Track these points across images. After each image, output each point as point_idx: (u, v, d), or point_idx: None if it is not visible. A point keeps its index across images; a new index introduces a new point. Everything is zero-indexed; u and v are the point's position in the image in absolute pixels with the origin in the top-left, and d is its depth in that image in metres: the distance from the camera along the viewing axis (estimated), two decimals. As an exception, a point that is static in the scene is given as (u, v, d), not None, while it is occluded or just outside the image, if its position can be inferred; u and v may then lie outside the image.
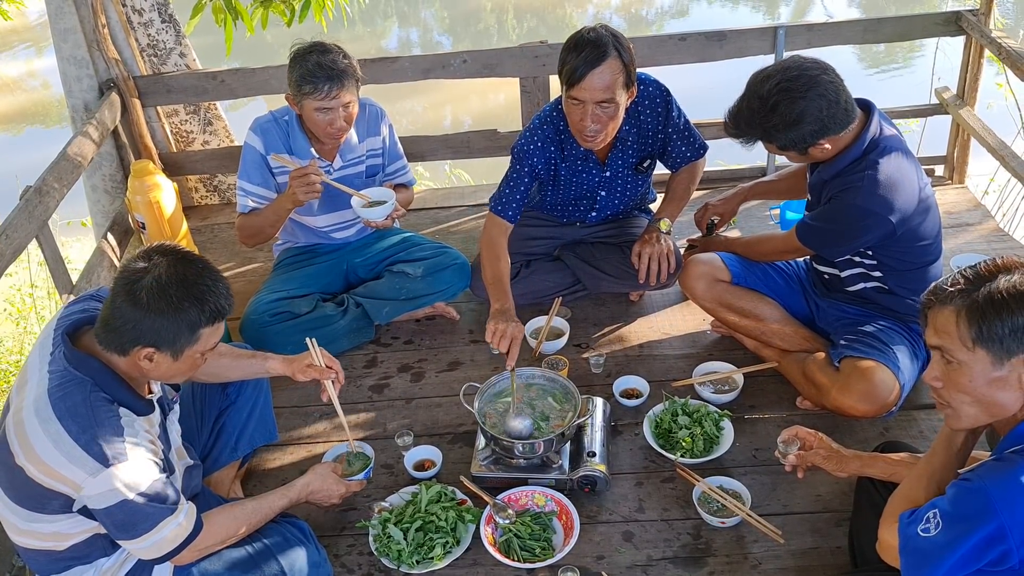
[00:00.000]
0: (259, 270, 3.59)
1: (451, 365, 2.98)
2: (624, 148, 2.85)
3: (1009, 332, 1.49)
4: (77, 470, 1.66)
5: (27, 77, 10.10)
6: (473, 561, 2.23)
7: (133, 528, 1.73)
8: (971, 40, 3.68)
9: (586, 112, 2.58)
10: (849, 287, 2.58)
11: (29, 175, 3.11)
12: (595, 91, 2.53)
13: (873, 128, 2.31)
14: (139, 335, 1.70)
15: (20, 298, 4.98)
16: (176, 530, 1.78)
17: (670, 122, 2.85)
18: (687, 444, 2.45)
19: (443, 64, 3.74)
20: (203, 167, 4.02)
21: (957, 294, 1.53)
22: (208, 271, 1.76)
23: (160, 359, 1.74)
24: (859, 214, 2.30)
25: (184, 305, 1.70)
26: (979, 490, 1.47)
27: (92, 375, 1.73)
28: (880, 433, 2.52)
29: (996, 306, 1.49)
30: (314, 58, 2.65)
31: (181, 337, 1.73)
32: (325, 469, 2.21)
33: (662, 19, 10.65)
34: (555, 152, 2.85)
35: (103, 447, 1.67)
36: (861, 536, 2.06)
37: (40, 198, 2.91)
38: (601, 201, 3.02)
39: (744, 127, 2.33)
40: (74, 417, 1.67)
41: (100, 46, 3.59)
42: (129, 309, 1.69)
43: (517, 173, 2.87)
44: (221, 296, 1.76)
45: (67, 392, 1.70)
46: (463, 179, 5.63)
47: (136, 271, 1.70)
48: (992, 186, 4.88)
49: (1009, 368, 1.51)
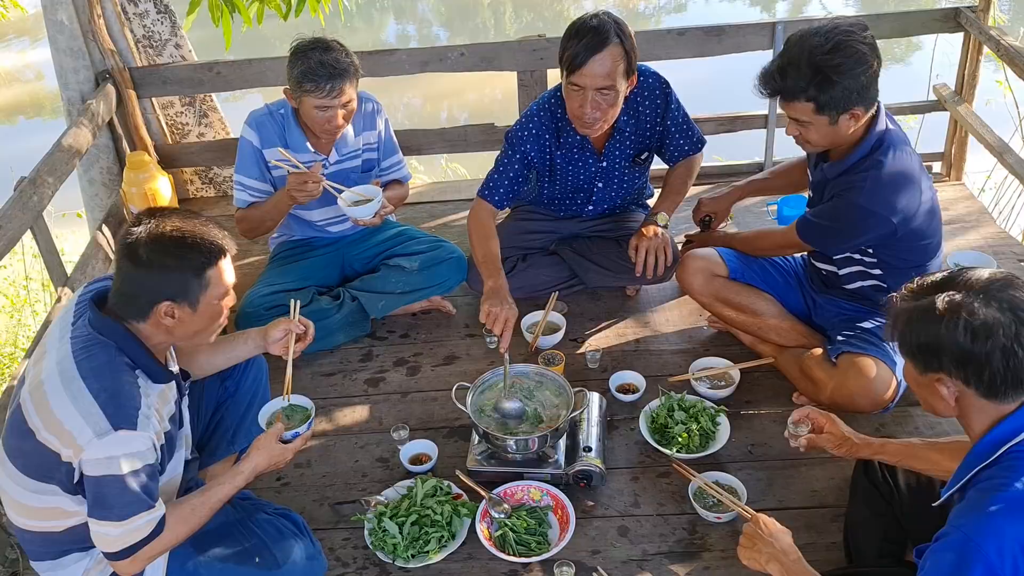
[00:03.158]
0: (255, 263, 3.57)
1: (447, 359, 2.97)
2: (622, 139, 2.84)
3: (918, 349, 1.54)
4: (87, 429, 1.68)
5: (22, 69, 10.05)
6: (468, 555, 2.23)
7: (110, 509, 1.73)
8: (969, 37, 3.68)
9: (586, 99, 2.56)
10: (847, 284, 2.58)
11: (23, 166, 3.09)
12: (596, 77, 2.51)
13: (880, 125, 2.30)
14: (153, 293, 1.76)
15: (15, 290, 4.96)
16: (145, 526, 1.76)
17: (669, 114, 2.84)
18: (683, 439, 2.44)
19: (440, 57, 3.73)
20: (199, 159, 4.01)
21: (904, 297, 1.57)
22: (197, 217, 1.82)
23: (181, 313, 1.79)
24: (861, 214, 2.29)
25: (183, 252, 1.76)
26: (958, 538, 1.45)
27: (116, 339, 1.77)
28: (876, 429, 2.52)
29: (909, 321, 1.54)
30: (316, 55, 2.63)
31: (191, 284, 1.78)
32: (267, 440, 2.05)
33: (659, 14, 10.64)
34: (550, 141, 2.83)
35: (116, 409, 1.70)
36: (856, 531, 2.06)
37: (34, 189, 2.90)
38: (598, 194, 3.01)
39: (795, 71, 2.20)
40: (97, 376, 1.72)
41: (95, 37, 3.57)
42: (135, 272, 1.75)
43: (508, 159, 2.86)
44: (215, 235, 1.81)
45: (92, 354, 1.75)
46: (459, 173, 5.62)
47: (131, 235, 1.75)
48: (989, 183, 4.88)
49: (927, 379, 1.56)
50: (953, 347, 1.47)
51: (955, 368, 1.50)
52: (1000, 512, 1.42)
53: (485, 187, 2.89)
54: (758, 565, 1.86)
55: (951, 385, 1.53)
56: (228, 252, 1.84)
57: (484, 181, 2.91)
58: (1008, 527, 1.41)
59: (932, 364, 1.52)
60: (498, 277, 2.69)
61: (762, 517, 1.92)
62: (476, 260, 2.80)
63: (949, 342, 1.47)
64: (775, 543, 1.84)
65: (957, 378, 1.51)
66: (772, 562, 1.82)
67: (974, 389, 1.51)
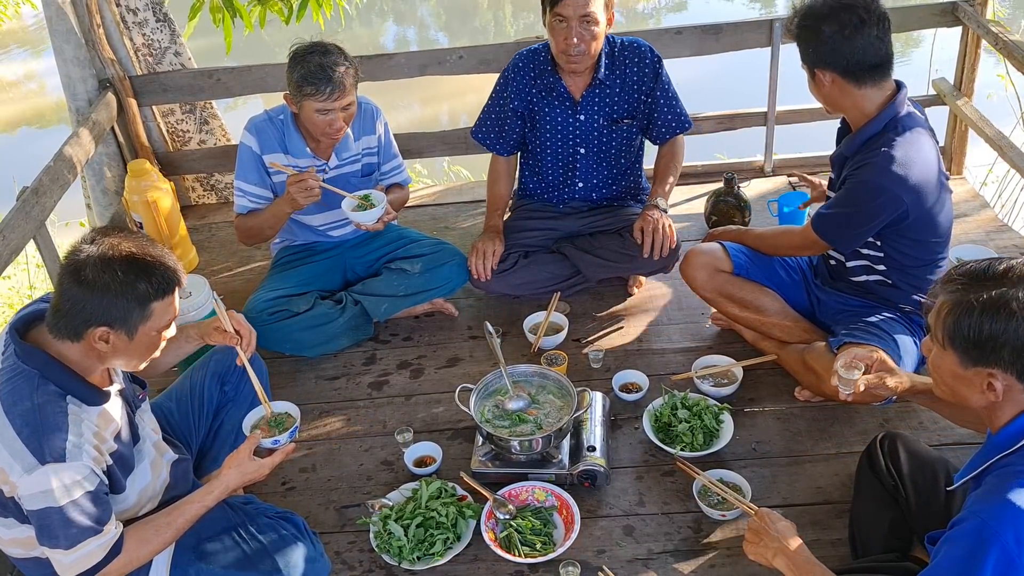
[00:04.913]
0: (257, 269, 3.58)
1: (450, 361, 2.98)
2: (601, 92, 2.92)
3: (974, 344, 1.50)
4: (15, 464, 1.65)
5: (24, 80, 10.09)
6: (474, 557, 2.23)
7: (57, 539, 1.69)
8: (967, 31, 3.67)
9: (571, 30, 2.70)
10: (853, 277, 2.57)
11: (26, 177, 3.10)
12: (578, 6, 2.66)
13: (899, 108, 2.31)
14: (90, 315, 1.69)
15: (19, 300, 4.98)
16: (97, 551, 1.73)
17: (659, 87, 2.93)
18: (687, 438, 2.45)
19: (439, 60, 3.74)
20: (200, 166, 4.02)
21: (955, 288, 1.54)
22: (153, 245, 1.76)
23: (116, 340, 1.73)
24: (872, 191, 2.28)
25: (131, 279, 1.69)
26: (974, 524, 1.45)
27: (40, 367, 1.71)
28: (880, 424, 2.52)
29: (969, 315, 1.50)
30: (316, 59, 2.64)
31: (133, 313, 1.71)
32: (239, 457, 1.99)
33: (659, 14, 10.63)
34: (529, 83, 2.96)
35: (40, 443, 1.65)
36: (861, 526, 2.06)
37: (37, 199, 2.91)
38: (582, 163, 3.04)
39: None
40: (19, 410, 1.67)
41: (96, 46, 3.58)
42: (77, 290, 1.68)
43: (494, 96, 3.07)
44: (168, 268, 1.75)
45: (15, 386, 1.69)
46: (461, 176, 5.62)
47: (80, 252, 1.70)
48: (990, 177, 4.87)
49: (973, 373, 1.54)
50: (1018, 341, 1.46)
51: (1013, 362, 1.48)
52: (1019, 499, 1.43)
53: (475, 125, 3.14)
54: (764, 560, 1.86)
55: (1002, 379, 1.51)
56: (178, 286, 1.78)
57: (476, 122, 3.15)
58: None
59: (989, 357, 1.50)
60: (495, 219, 3.08)
61: (766, 511, 1.92)
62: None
63: (1016, 336, 1.45)
64: (781, 538, 1.84)
65: (1011, 372, 1.49)
66: (778, 556, 1.82)
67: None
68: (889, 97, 2.32)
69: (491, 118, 3.08)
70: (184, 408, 2.26)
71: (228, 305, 3.13)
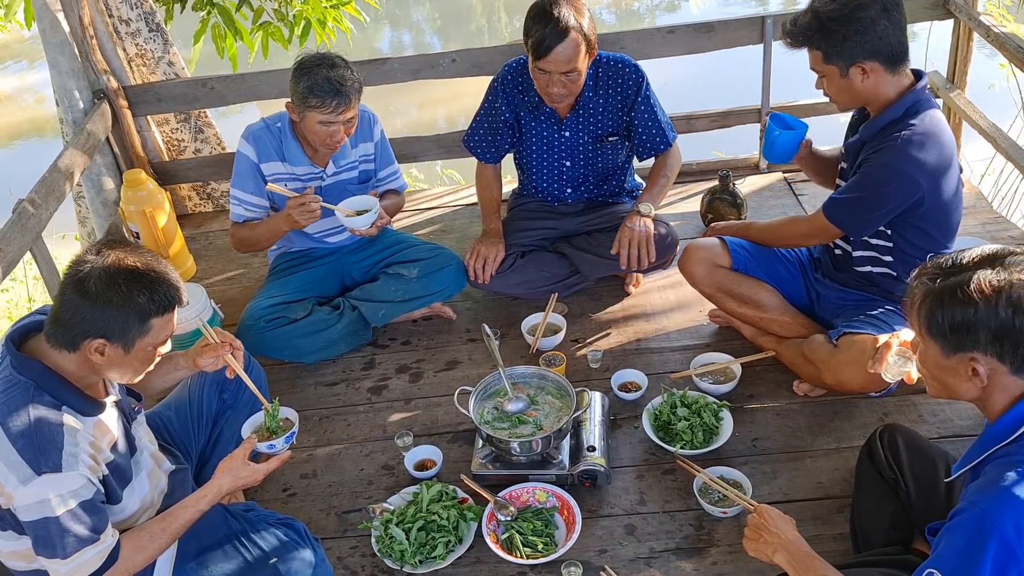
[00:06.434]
0: (255, 276, 3.58)
1: (449, 364, 2.98)
2: (585, 112, 2.92)
3: (950, 329, 1.51)
4: (11, 476, 1.65)
5: (20, 92, 10.10)
6: (476, 559, 2.23)
7: (54, 548, 1.69)
8: (959, 23, 3.68)
9: (552, 80, 2.74)
10: (858, 267, 2.57)
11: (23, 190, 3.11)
12: (560, 63, 2.69)
13: (920, 95, 2.31)
14: (89, 327, 1.69)
15: (17, 313, 4.98)
16: (95, 559, 1.73)
17: (638, 105, 2.92)
18: (686, 436, 2.45)
19: (432, 64, 3.74)
20: (195, 175, 4.02)
21: (926, 280, 1.56)
22: (158, 261, 1.77)
23: (111, 352, 1.73)
24: (889, 174, 2.26)
25: (133, 294, 1.70)
26: (974, 514, 1.45)
27: (35, 378, 1.72)
28: (880, 418, 2.52)
29: (940, 303, 1.51)
30: (323, 72, 2.64)
31: (131, 328, 1.72)
32: (233, 461, 1.98)
33: (653, 13, 10.64)
34: (517, 96, 2.97)
35: (36, 453, 1.66)
36: (862, 520, 2.06)
37: (33, 211, 2.91)
38: (568, 174, 3.06)
39: (803, 18, 2.31)
40: (15, 421, 1.67)
41: (89, 57, 3.59)
42: (78, 301, 1.69)
43: (485, 105, 3.06)
44: (171, 286, 1.76)
45: (11, 397, 1.70)
46: (455, 179, 5.63)
47: (85, 264, 1.70)
48: (989, 169, 4.87)
49: (956, 361, 1.54)
50: (992, 322, 1.46)
51: (990, 344, 1.49)
52: (1018, 488, 1.43)
53: (467, 133, 3.13)
54: (765, 556, 1.86)
55: (984, 363, 1.51)
56: (179, 304, 1.79)
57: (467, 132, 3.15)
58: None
59: (966, 343, 1.51)
60: (493, 222, 3.08)
61: (765, 507, 1.92)
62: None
63: (988, 318, 1.46)
64: (780, 533, 1.84)
65: (992, 355, 1.50)
66: (779, 552, 1.82)
67: (1008, 365, 1.50)
68: (908, 84, 2.32)
69: (483, 127, 3.08)
70: (183, 416, 2.26)
71: (226, 313, 3.17)
